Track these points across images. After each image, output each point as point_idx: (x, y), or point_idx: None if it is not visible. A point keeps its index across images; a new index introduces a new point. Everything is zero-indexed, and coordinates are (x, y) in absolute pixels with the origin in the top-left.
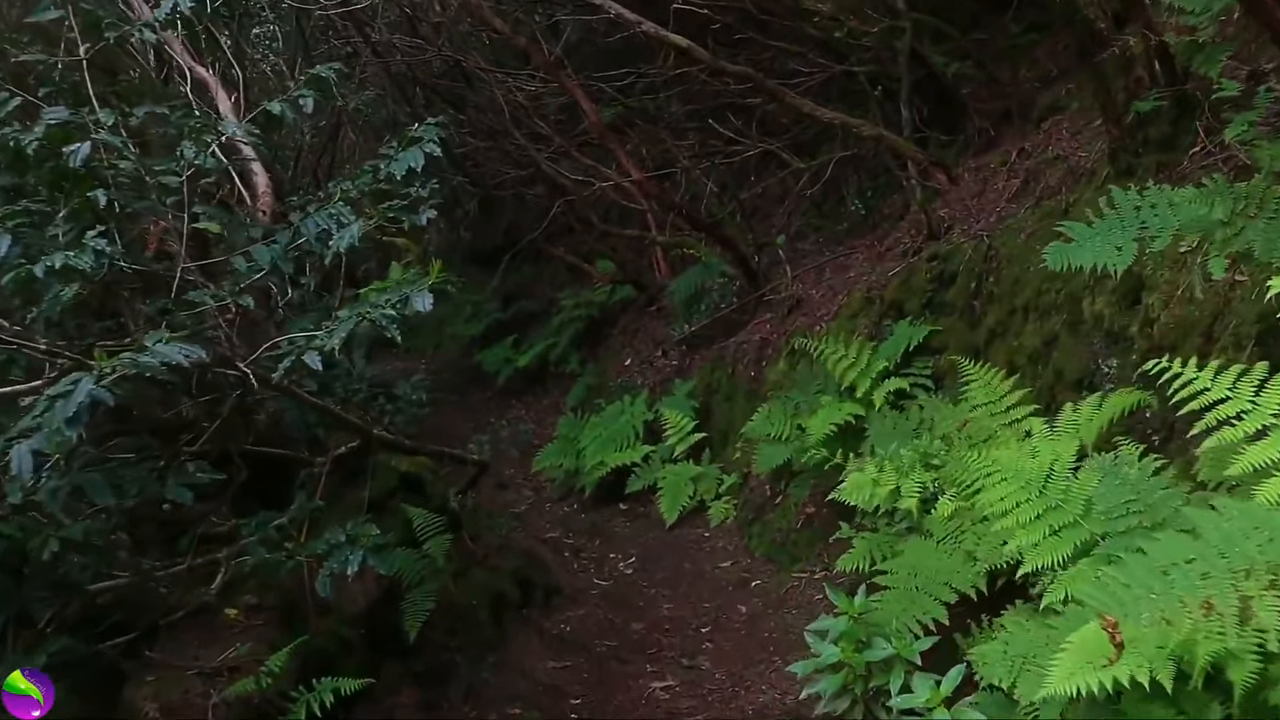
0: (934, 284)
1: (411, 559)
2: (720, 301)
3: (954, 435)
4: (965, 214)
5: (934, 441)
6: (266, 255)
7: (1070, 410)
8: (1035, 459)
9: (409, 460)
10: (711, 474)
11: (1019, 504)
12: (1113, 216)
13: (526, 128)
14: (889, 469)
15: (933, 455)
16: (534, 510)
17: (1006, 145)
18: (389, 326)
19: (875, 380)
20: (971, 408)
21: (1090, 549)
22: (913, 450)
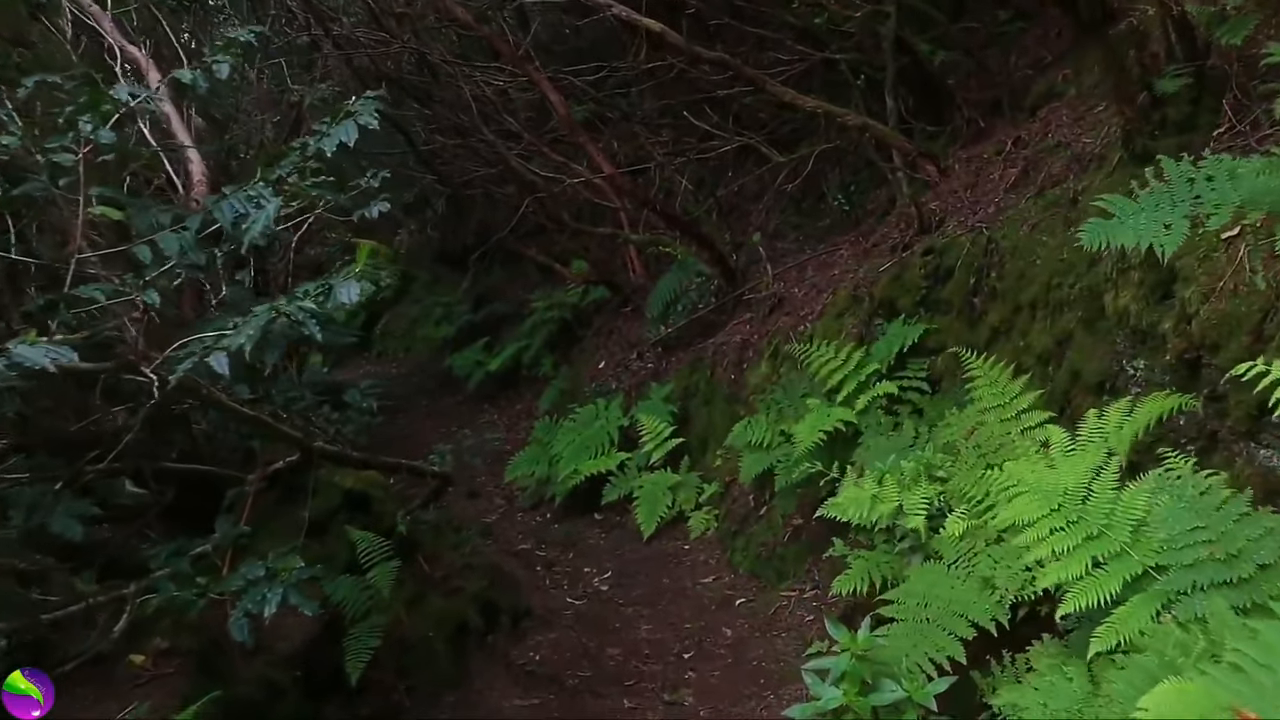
0: (929, 280)
1: (355, 589)
2: (698, 301)
3: (961, 444)
4: (958, 206)
5: (937, 451)
6: (174, 243)
7: (1094, 416)
8: (1059, 472)
9: (355, 476)
10: (691, 482)
11: (1051, 531)
12: (1161, 189)
13: (496, 124)
14: (890, 483)
15: (937, 467)
16: (505, 520)
17: (999, 135)
18: (306, 322)
19: (865, 383)
20: (980, 412)
21: (1142, 582)
22: (915, 461)
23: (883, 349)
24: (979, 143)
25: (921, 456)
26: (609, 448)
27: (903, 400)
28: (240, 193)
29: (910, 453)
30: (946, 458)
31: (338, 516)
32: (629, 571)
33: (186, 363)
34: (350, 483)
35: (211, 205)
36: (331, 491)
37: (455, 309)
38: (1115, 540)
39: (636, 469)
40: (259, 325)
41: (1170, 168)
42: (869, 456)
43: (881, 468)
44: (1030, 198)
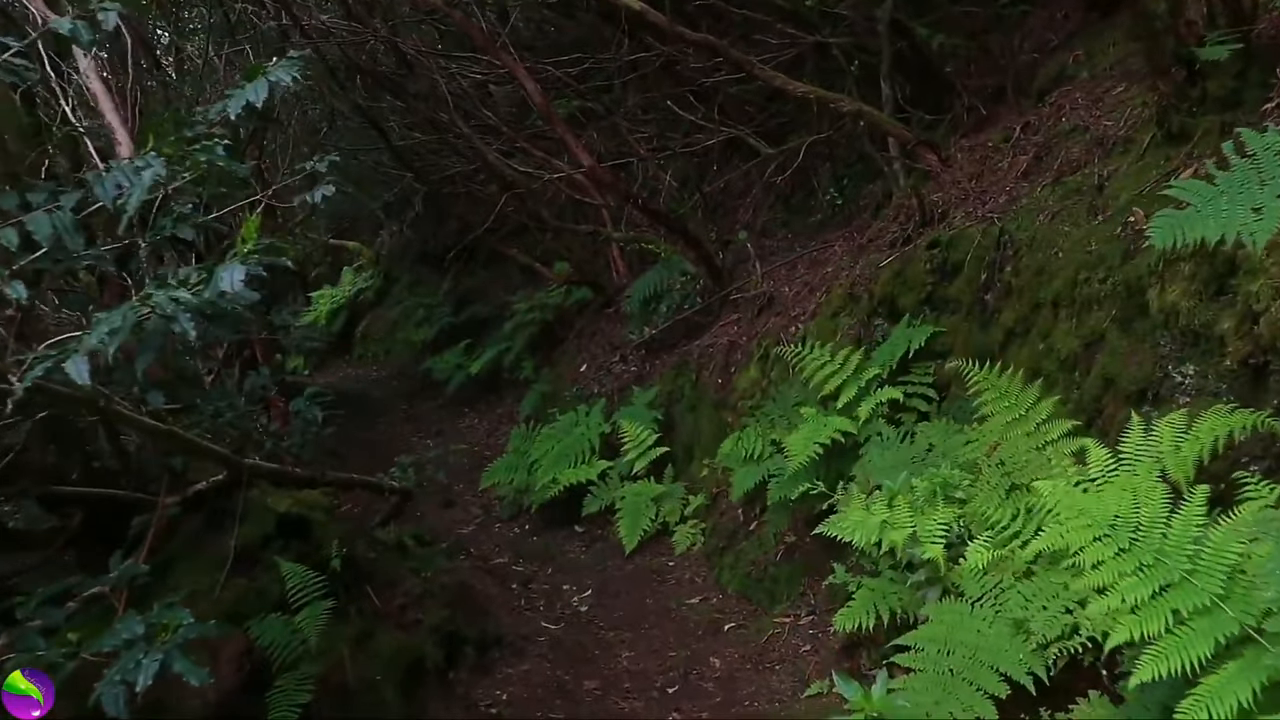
0: (934, 276)
1: (285, 631)
2: (682, 302)
3: (982, 461)
4: (963, 197)
5: (954, 468)
6: (46, 225)
7: (1138, 430)
8: (1103, 496)
9: (292, 497)
10: (676, 494)
11: (1099, 563)
12: (1245, 167)
13: (474, 118)
14: (902, 505)
15: (955, 486)
16: (482, 532)
17: (1005, 122)
18: (179, 317)
19: (866, 389)
20: (1003, 426)
21: (1242, 648)
22: (929, 480)
23: (885, 352)
24: (982, 131)
25: (936, 474)
26: (590, 456)
27: (907, 408)
28: (128, 164)
29: (923, 470)
30: (965, 476)
31: (271, 544)
32: (610, 590)
33: (38, 369)
34: (286, 505)
35: (92, 179)
36: (264, 516)
37: (436, 311)
38: (1203, 591)
39: (619, 478)
40: (122, 322)
41: (1254, 141)
42: (872, 471)
43: (892, 487)
44: (1046, 185)
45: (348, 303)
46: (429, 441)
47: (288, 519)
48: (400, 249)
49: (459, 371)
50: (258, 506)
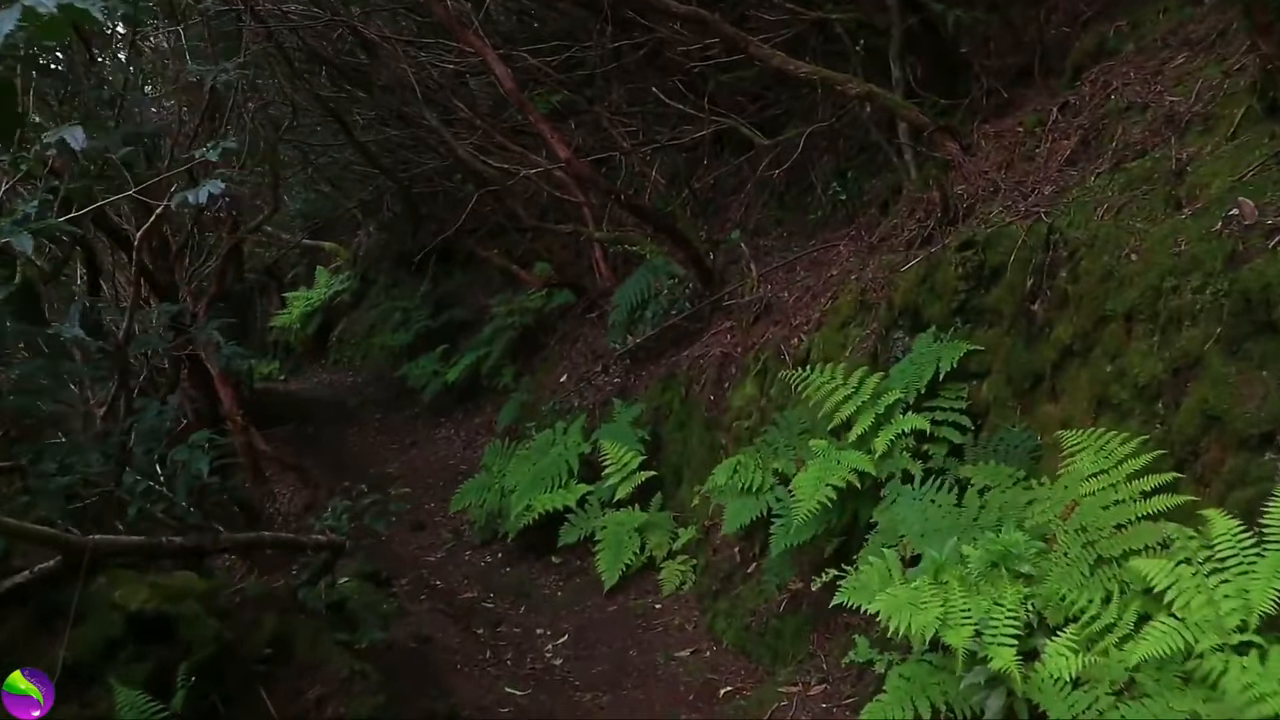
0: (968, 282)
1: None
2: (670, 307)
3: (1055, 526)
4: (992, 189)
5: (1016, 532)
6: None
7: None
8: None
9: (150, 587)
10: (663, 524)
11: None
12: None
13: (446, 111)
14: (953, 583)
15: (1020, 558)
16: (451, 560)
17: (1033, 104)
18: None
19: (885, 417)
20: (1081, 480)
21: None
22: (985, 549)
23: (907, 372)
24: (1005, 115)
25: (995, 541)
26: (568, 479)
27: (936, 439)
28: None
29: (976, 533)
30: (1033, 543)
31: (117, 653)
32: (589, 636)
33: None
34: (142, 598)
35: None
36: (108, 615)
37: (413, 314)
38: None
39: (599, 505)
40: None
41: None
42: (901, 523)
43: (937, 558)
44: (1102, 173)
45: (323, 305)
46: (365, 486)
47: (142, 617)
48: (378, 250)
49: (435, 379)
50: (101, 601)
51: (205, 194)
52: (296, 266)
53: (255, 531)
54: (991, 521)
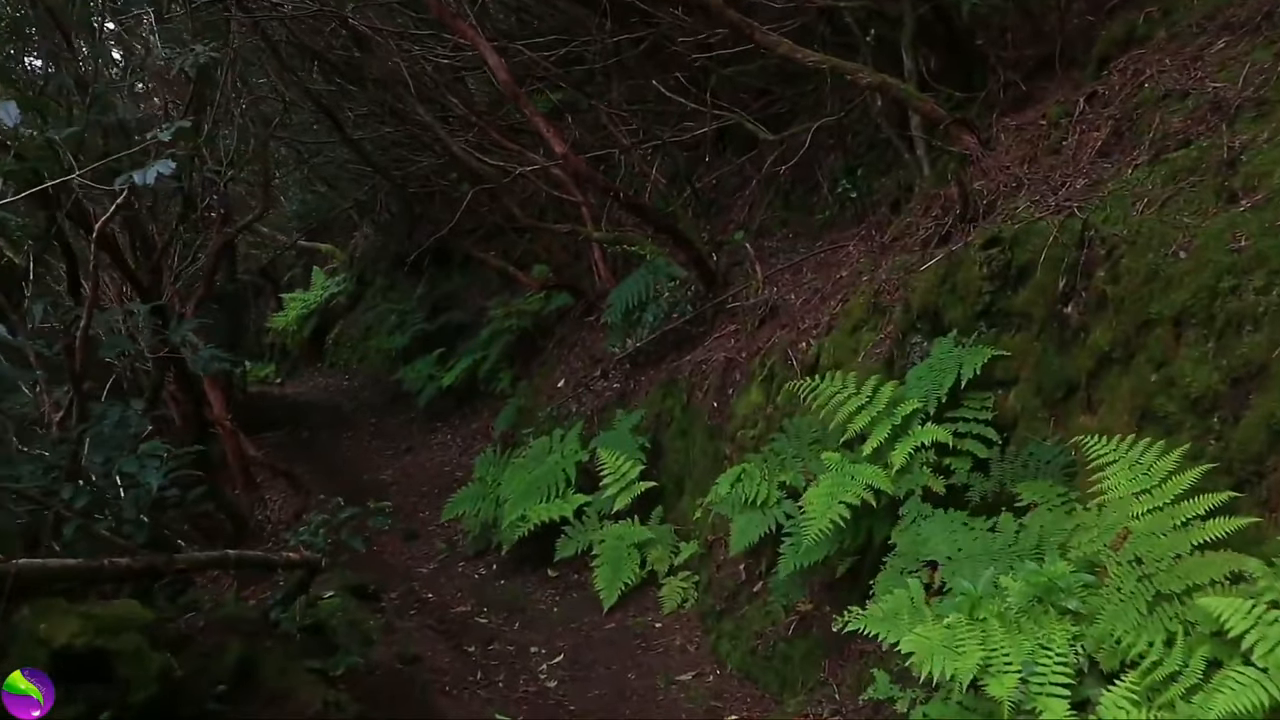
0: (993, 283)
1: None
2: (671, 310)
3: (1106, 556)
4: (1014, 185)
5: (1059, 562)
6: None
7: None
8: None
9: (82, 619)
10: (664, 538)
11: None
12: None
13: (441, 106)
14: (991, 620)
15: (1068, 592)
16: (444, 572)
17: (1054, 96)
18: None
19: (903, 428)
20: (1127, 500)
21: None
22: (1027, 583)
23: (927, 379)
24: (1024, 109)
25: (1038, 574)
26: (565, 489)
27: (958, 452)
28: None
29: (1016, 563)
30: (1081, 575)
31: None
32: (585, 657)
33: None
34: (72, 631)
35: None
36: (31, 653)
37: (409, 317)
38: None
39: (597, 517)
40: None
41: None
42: (923, 545)
43: (971, 590)
44: (1140, 165)
45: (319, 307)
46: (340, 500)
47: (71, 654)
48: (374, 251)
49: (431, 383)
50: (24, 636)
51: (154, 174)
52: (293, 268)
53: (220, 550)
54: (1030, 548)
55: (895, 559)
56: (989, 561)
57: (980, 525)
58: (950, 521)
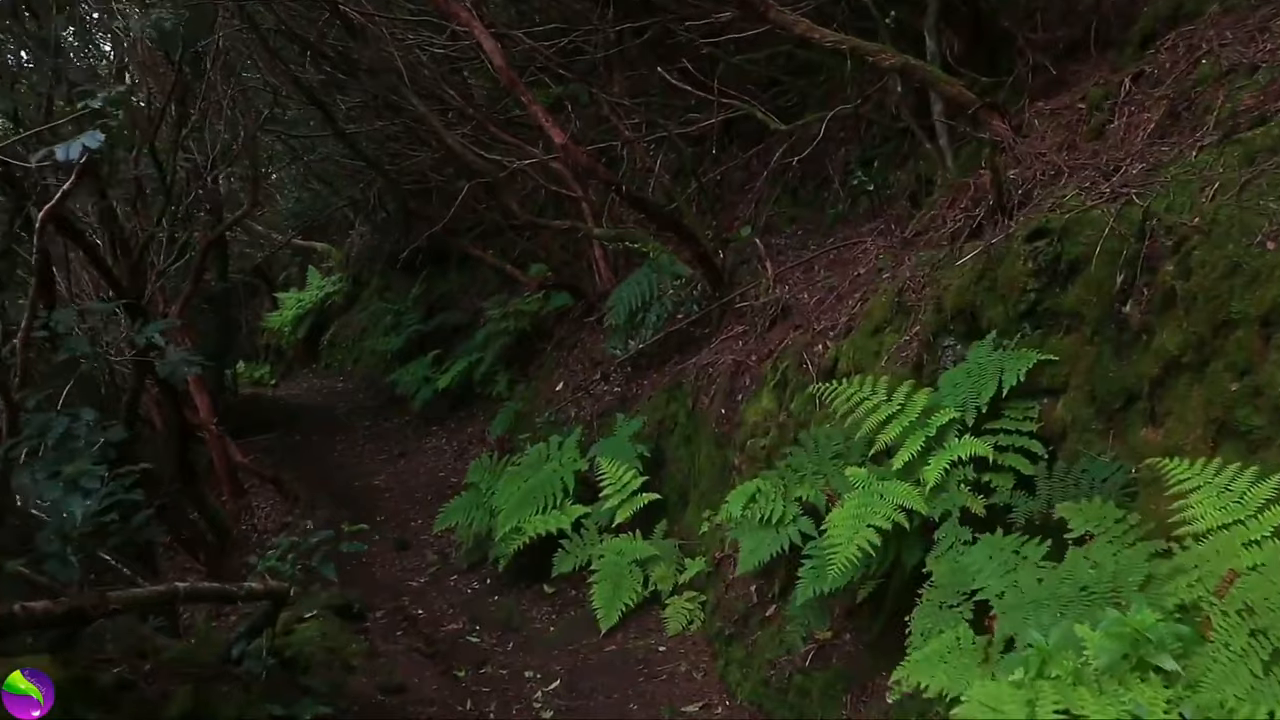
0: (1040, 279)
1: None
2: (675, 310)
3: (1206, 603)
4: (1051, 173)
5: (1146, 611)
6: None
7: None
8: None
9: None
10: (668, 554)
11: None
12: None
13: (437, 100)
14: (1065, 677)
15: (1162, 649)
16: (436, 585)
17: (1093, 78)
18: None
19: (936, 440)
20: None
21: None
22: (1110, 636)
23: (962, 385)
24: (1056, 94)
25: (1123, 623)
26: (562, 499)
27: (999, 467)
28: None
29: (1083, 601)
30: (1177, 627)
31: None
32: (583, 684)
33: None
34: None
35: None
36: None
37: (405, 317)
38: None
39: (596, 530)
40: None
41: None
42: (964, 575)
43: (1041, 642)
44: (1208, 146)
45: (314, 308)
46: (311, 520)
47: None
48: (371, 251)
49: (426, 385)
50: None
51: (79, 148)
52: (289, 267)
53: (162, 585)
54: (1106, 588)
55: (932, 591)
56: (1054, 604)
57: (1033, 553)
58: (998, 550)
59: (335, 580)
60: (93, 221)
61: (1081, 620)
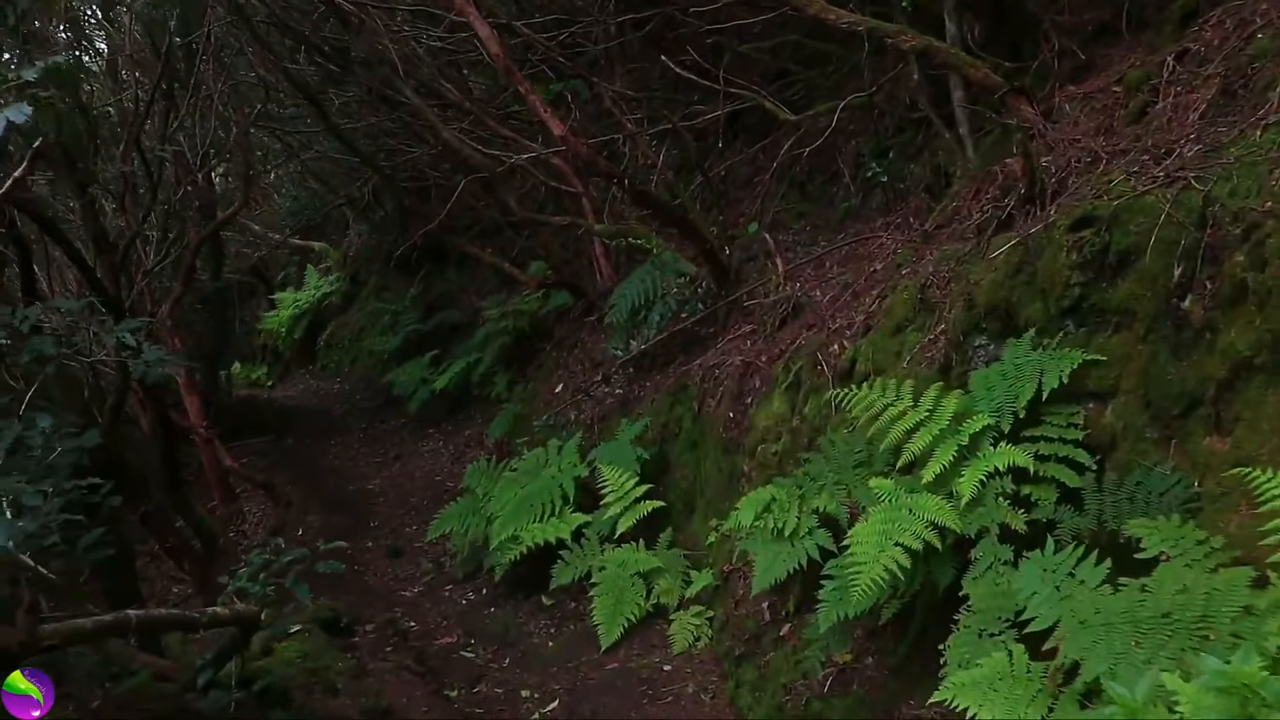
0: (1085, 272)
1: None
2: (679, 308)
3: None
4: (1088, 160)
5: (1253, 657)
6: None
7: None
8: None
9: None
10: (673, 565)
11: None
12: None
13: (433, 94)
14: None
15: (1274, 706)
16: (430, 596)
17: (1129, 60)
18: None
19: (970, 450)
20: None
21: None
22: (1212, 692)
23: (998, 389)
24: (1087, 77)
25: (1225, 675)
26: (562, 507)
27: (1041, 479)
28: None
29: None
30: None
31: None
32: (583, 705)
33: None
34: None
35: None
36: None
37: (403, 317)
38: None
39: (597, 539)
40: None
41: None
42: (1003, 599)
43: (1128, 698)
44: (1276, 125)
45: (311, 308)
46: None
47: None
48: (369, 250)
49: (423, 387)
50: None
51: (3, 121)
52: (287, 267)
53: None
54: (1193, 617)
55: (971, 616)
56: (1128, 628)
57: (1091, 575)
58: (1050, 571)
59: (309, 602)
60: (77, 218)
61: (1161, 650)
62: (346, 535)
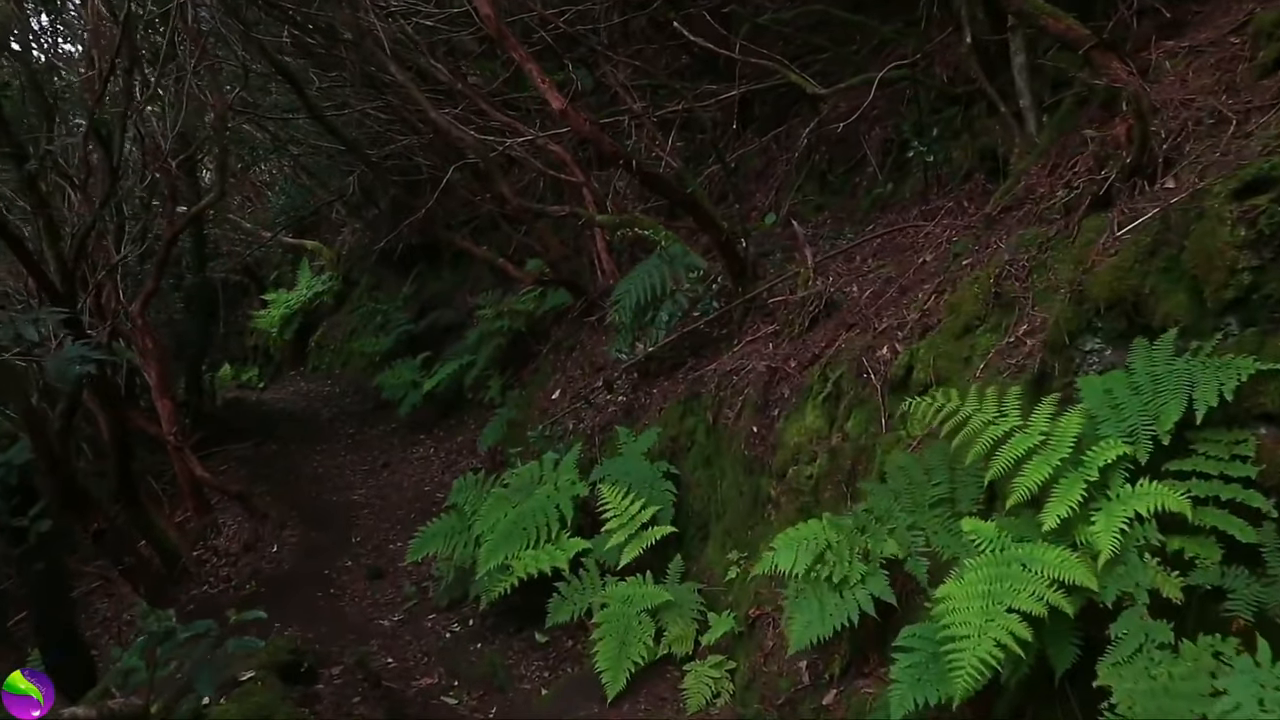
0: (1256, 254)
1: None
2: (690, 307)
3: None
4: (1211, 121)
5: None
6: None
7: None
8: None
9: None
10: (686, 603)
11: None
12: None
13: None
14: None
15: None
16: (410, 626)
17: (1235, 12)
18: None
19: (1099, 488)
20: None
21: None
22: None
23: (1127, 407)
24: (1175, 36)
25: None
26: (558, 531)
27: (1198, 530)
28: None
29: None
30: None
31: None
32: None
33: None
34: None
35: None
36: None
37: (395, 317)
38: None
39: (599, 569)
40: None
41: None
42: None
43: None
44: None
45: (302, 308)
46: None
47: None
48: (362, 249)
49: (414, 390)
50: None
51: None
52: (280, 266)
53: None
54: None
55: None
56: None
57: None
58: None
59: (210, 697)
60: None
61: None
62: (325, 552)
